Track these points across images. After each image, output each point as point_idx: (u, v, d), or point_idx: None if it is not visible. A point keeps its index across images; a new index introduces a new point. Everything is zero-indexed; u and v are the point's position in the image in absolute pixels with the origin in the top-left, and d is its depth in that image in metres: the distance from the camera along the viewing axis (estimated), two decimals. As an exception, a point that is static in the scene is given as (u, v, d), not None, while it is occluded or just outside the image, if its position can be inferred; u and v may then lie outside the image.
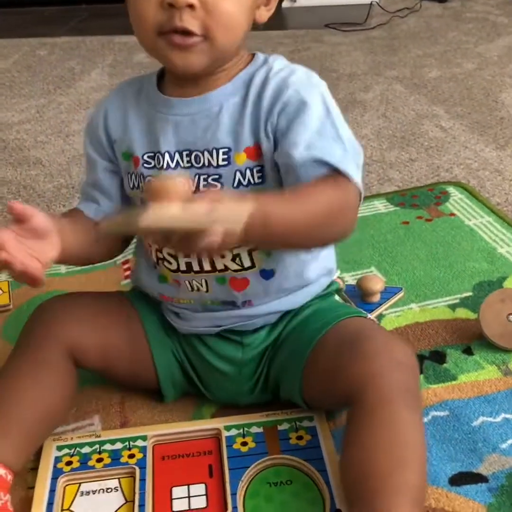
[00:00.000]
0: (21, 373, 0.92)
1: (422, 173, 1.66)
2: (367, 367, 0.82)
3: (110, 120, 0.93)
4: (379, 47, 2.62)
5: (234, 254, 0.90)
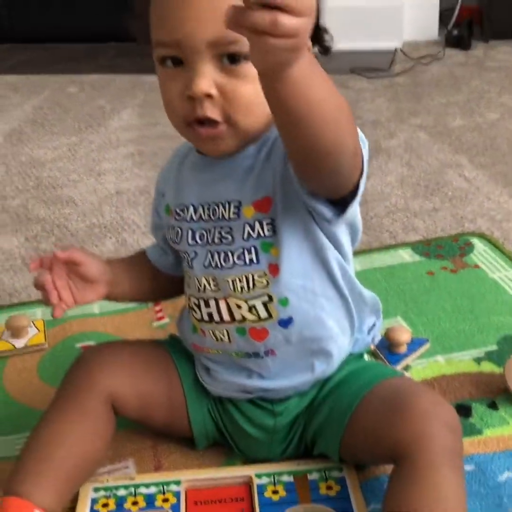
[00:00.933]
0: (63, 419, 0.95)
1: (446, 223, 1.70)
2: (416, 429, 0.84)
3: (162, 178, 1.02)
4: (403, 94, 2.67)
5: (249, 305, 0.92)
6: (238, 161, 0.90)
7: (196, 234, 0.93)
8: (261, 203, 0.88)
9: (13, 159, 2.25)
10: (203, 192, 0.93)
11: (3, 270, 1.61)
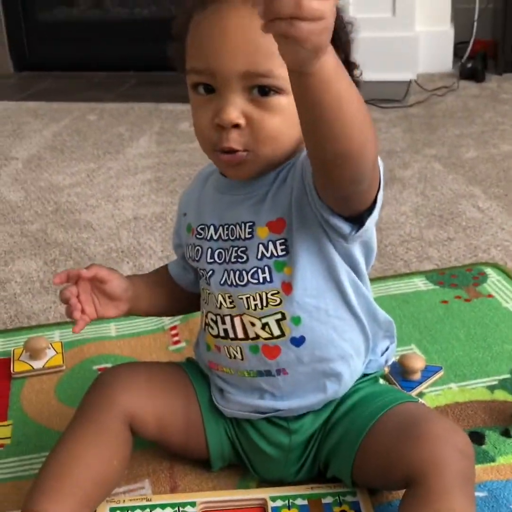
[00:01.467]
0: (80, 439, 0.97)
1: (460, 253, 1.71)
2: (430, 453, 0.85)
3: (184, 198, 1.07)
4: (418, 124, 2.70)
5: (263, 323, 0.94)
6: (257, 185, 0.93)
7: (215, 253, 0.97)
8: (275, 224, 0.92)
9: (32, 184, 2.29)
10: (223, 213, 0.96)
11: (22, 293, 1.63)
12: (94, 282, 0.99)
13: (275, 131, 0.87)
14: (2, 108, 3.13)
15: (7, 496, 1.04)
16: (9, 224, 2.01)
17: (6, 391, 1.27)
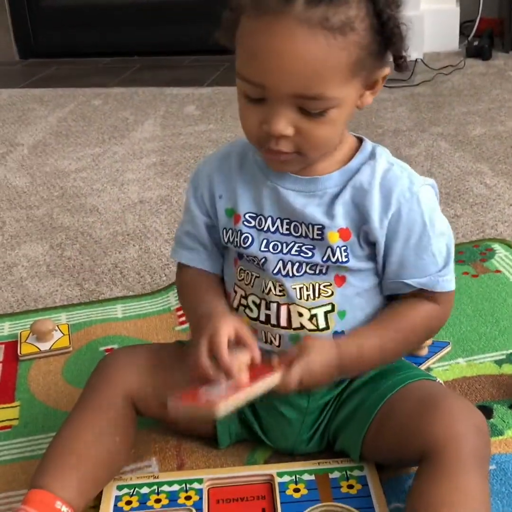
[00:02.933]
0: (84, 418, 0.98)
1: (467, 229, 1.70)
2: (447, 431, 0.86)
3: (215, 179, 1.00)
4: (424, 103, 2.68)
5: (311, 314, 0.96)
6: (323, 184, 0.93)
7: (270, 244, 0.96)
8: (345, 232, 0.93)
9: (37, 170, 2.29)
10: (284, 207, 0.95)
11: (28, 277, 1.63)
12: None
13: (325, 139, 0.87)
14: (7, 95, 3.13)
15: (15, 476, 1.05)
16: (15, 209, 2.01)
17: (13, 373, 1.27)
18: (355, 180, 0.92)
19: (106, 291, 1.55)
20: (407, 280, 0.94)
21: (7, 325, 1.43)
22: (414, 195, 0.91)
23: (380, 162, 0.92)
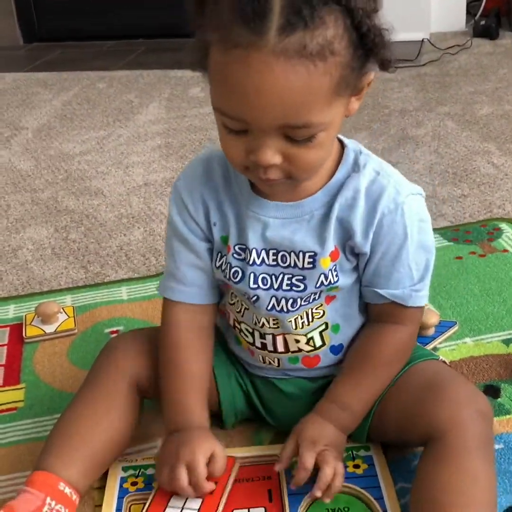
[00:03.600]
0: (89, 401, 0.97)
1: (474, 209, 1.69)
2: (452, 414, 0.86)
3: (209, 204, 0.93)
4: (431, 83, 2.65)
5: (308, 338, 0.96)
6: (308, 207, 0.90)
7: (258, 278, 0.92)
8: (334, 253, 0.90)
9: (42, 153, 2.28)
10: (270, 236, 0.91)
11: (33, 259, 1.63)
12: None
13: (315, 162, 0.82)
14: (11, 79, 3.12)
15: (21, 458, 1.04)
16: (20, 192, 2.00)
17: (18, 356, 1.27)
18: (340, 196, 0.88)
19: (111, 274, 1.55)
20: (380, 290, 0.92)
21: (12, 307, 1.42)
22: (399, 206, 0.87)
23: (364, 174, 0.88)
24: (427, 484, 0.83)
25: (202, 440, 0.90)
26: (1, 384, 1.20)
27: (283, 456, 0.91)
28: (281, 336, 0.96)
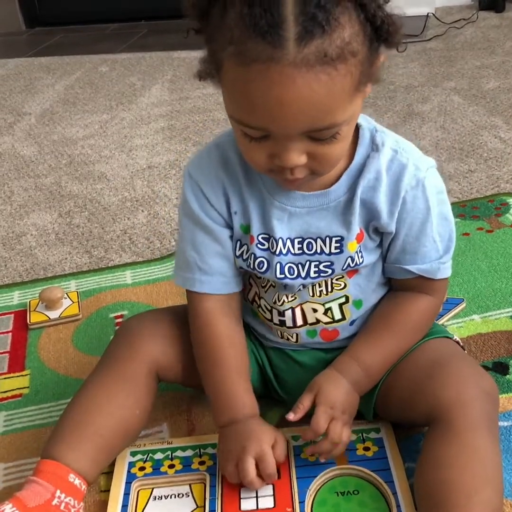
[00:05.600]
0: (103, 387, 0.95)
1: (481, 185, 1.66)
2: (458, 393, 0.85)
3: (230, 192, 0.92)
4: (436, 58, 2.62)
5: (326, 308, 0.95)
6: (333, 195, 0.89)
7: (285, 267, 0.92)
8: (360, 235, 0.90)
9: (45, 138, 2.27)
10: (296, 225, 0.91)
11: (37, 245, 1.62)
12: None
13: (339, 155, 0.82)
14: (14, 64, 3.10)
15: (27, 444, 1.04)
16: (23, 178, 1.99)
17: (23, 342, 1.27)
18: (362, 179, 0.88)
19: (115, 258, 1.54)
20: (407, 266, 0.92)
21: (16, 294, 1.42)
22: (420, 182, 0.88)
23: (383, 152, 0.88)
24: (432, 463, 0.82)
25: (264, 429, 0.90)
26: (6, 370, 1.20)
27: (299, 408, 0.89)
28: (298, 307, 0.95)
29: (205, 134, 2.14)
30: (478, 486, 0.78)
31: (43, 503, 0.85)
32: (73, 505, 0.87)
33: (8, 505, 0.84)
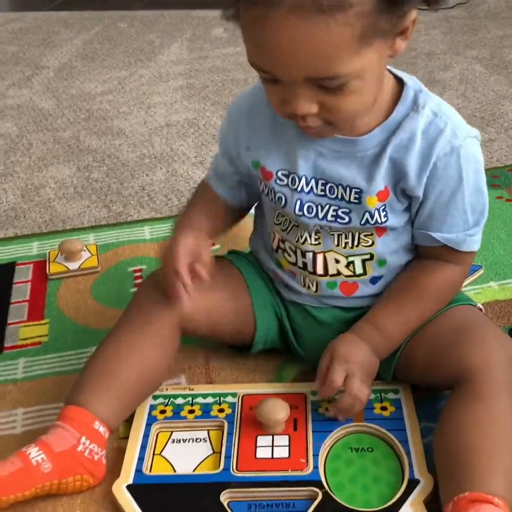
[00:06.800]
0: (130, 340, 0.95)
1: (502, 154, 1.66)
2: (483, 357, 0.86)
3: (242, 127, 0.97)
4: (459, 26, 2.59)
5: (348, 261, 0.95)
6: (363, 145, 0.89)
7: (304, 206, 0.93)
8: (384, 194, 0.90)
9: (63, 92, 2.26)
10: (320, 167, 0.91)
11: (56, 198, 1.62)
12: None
13: (354, 110, 0.81)
14: (32, 17, 3.08)
15: (46, 390, 1.05)
16: (42, 131, 1.99)
17: (42, 292, 1.28)
18: (396, 137, 0.87)
19: (133, 213, 1.54)
20: (433, 233, 0.91)
21: (36, 245, 1.43)
22: (455, 150, 0.87)
23: (423, 114, 0.87)
24: (456, 424, 0.83)
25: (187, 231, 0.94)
26: (25, 319, 1.21)
27: (319, 372, 0.91)
28: (321, 254, 0.95)
29: (224, 94, 2.13)
30: (499, 451, 0.79)
31: (68, 449, 0.86)
32: (96, 452, 0.88)
33: (35, 448, 0.85)
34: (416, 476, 0.85)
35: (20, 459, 0.83)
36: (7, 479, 0.81)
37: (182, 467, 0.90)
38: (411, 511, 0.81)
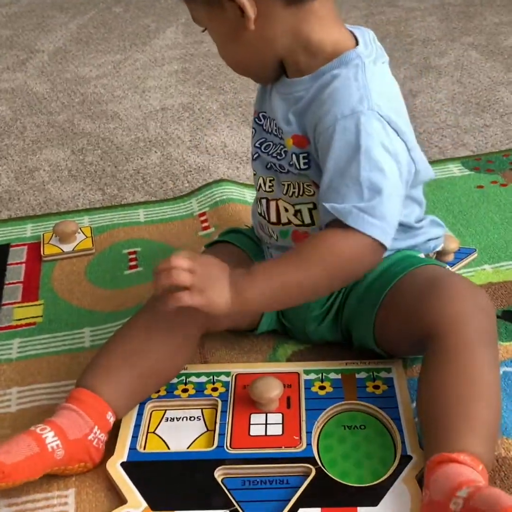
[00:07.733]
0: (152, 333, 0.93)
1: (497, 139, 1.66)
2: (452, 310, 0.85)
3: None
4: (454, 13, 2.59)
5: (295, 209, 0.97)
6: (293, 87, 0.93)
7: (264, 144, 0.99)
8: (299, 139, 0.92)
9: (58, 76, 2.25)
10: (272, 106, 0.97)
11: (50, 181, 1.62)
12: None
13: (225, 56, 0.97)
14: (26, 2, 3.06)
15: (41, 370, 1.05)
16: (36, 115, 1.98)
17: (36, 273, 1.28)
18: (314, 87, 0.89)
19: (128, 196, 1.54)
20: (326, 204, 0.85)
21: (30, 227, 1.42)
22: (355, 115, 0.84)
23: (344, 73, 0.87)
24: (429, 385, 0.83)
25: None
26: (19, 300, 1.21)
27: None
28: (274, 202, 0.98)
29: (219, 79, 2.13)
30: (472, 407, 0.79)
31: (81, 437, 0.85)
32: (102, 440, 0.88)
33: (51, 432, 0.83)
34: (409, 453, 0.85)
35: (36, 443, 0.81)
36: (23, 464, 0.79)
37: (176, 444, 0.90)
38: (404, 486, 0.82)
